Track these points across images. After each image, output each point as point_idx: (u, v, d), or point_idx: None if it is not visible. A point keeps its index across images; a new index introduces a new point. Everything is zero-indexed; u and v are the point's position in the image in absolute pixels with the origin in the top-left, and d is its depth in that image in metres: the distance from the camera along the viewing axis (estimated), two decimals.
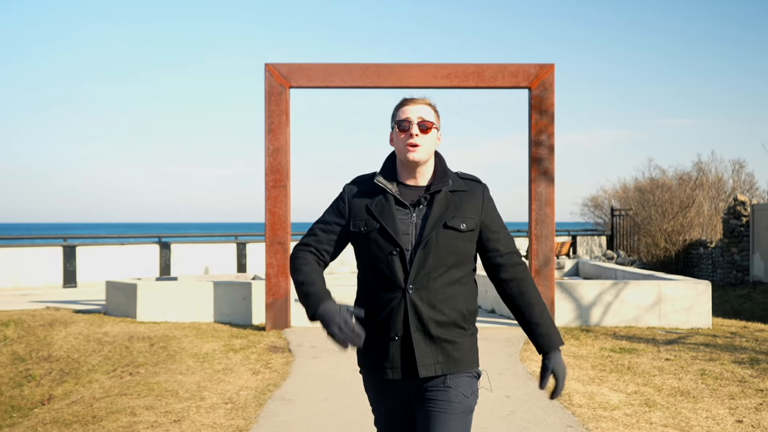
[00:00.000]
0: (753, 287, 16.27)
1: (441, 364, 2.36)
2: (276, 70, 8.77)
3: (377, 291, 2.40)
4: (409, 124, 2.42)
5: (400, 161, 2.48)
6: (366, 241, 2.41)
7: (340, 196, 2.52)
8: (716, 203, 20.67)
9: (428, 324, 2.35)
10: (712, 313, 10.99)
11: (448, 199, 2.42)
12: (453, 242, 2.38)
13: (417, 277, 2.34)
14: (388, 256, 2.36)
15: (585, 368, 6.66)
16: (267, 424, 5.05)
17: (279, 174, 8.81)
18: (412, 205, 2.42)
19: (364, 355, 2.47)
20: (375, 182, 2.46)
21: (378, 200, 2.43)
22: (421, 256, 2.34)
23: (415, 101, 2.48)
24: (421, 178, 2.46)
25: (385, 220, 2.38)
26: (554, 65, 8.89)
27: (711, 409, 5.29)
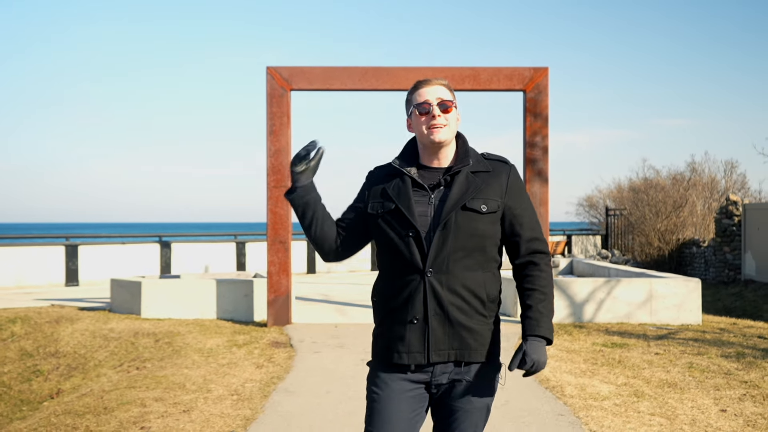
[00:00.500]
0: (744, 286, 16.54)
1: (455, 351, 2.32)
2: (277, 73, 9.00)
3: (396, 274, 2.36)
4: (430, 106, 2.37)
5: (422, 145, 2.43)
6: (382, 222, 2.38)
7: (364, 184, 2.52)
8: (709, 203, 20.95)
9: (448, 309, 2.30)
10: (703, 311, 11.27)
11: (469, 179, 2.36)
12: (473, 225, 2.31)
13: (436, 260, 2.29)
14: (405, 238, 2.32)
15: (577, 362, 6.91)
16: (272, 414, 5.28)
17: (280, 174, 9.04)
18: (431, 187, 2.37)
19: (380, 338, 2.42)
20: (393, 165, 2.44)
21: (395, 183, 2.40)
22: (440, 239, 2.29)
23: (430, 83, 2.42)
24: (443, 160, 2.41)
25: (401, 201, 2.34)
26: (548, 68, 9.15)
27: (696, 399, 5.54)
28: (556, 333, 8.52)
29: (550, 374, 6.33)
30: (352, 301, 11.53)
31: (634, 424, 4.84)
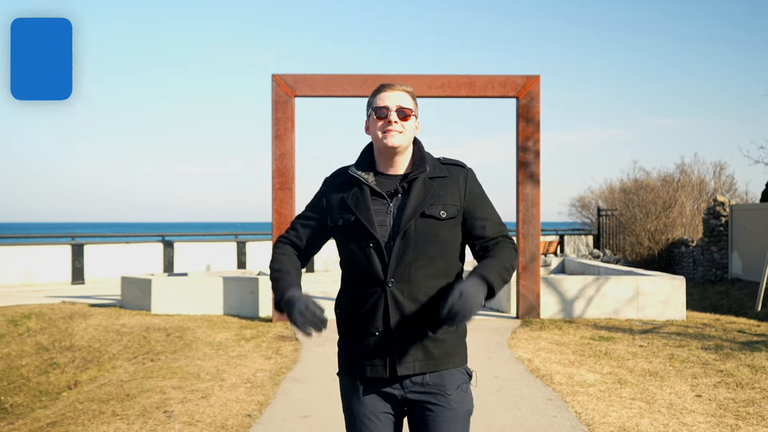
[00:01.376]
0: (731, 284, 17.04)
1: (420, 362, 2.28)
2: (282, 81, 9.45)
3: (358, 286, 2.33)
4: (388, 111, 2.32)
5: (377, 150, 2.39)
6: (343, 234, 2.34)
7: (319, 190, 2.47)
8: (698, 204, 21.47)
9: (410, 319, 2.26)
10: (691, 308, 11.75)
11: (426, 186, 2.32)
12: (433, 231, 2.28)
13: (397, 270, 2.26)
14: (366, 249, 2.28)
15: (566, 353, 7.37)
16: (284, 399, 5.73)
17: (285, 177, 9.49)
18: (389, 194, 2.32)
19: (343, 351, 2.40)
20: (350, 173, 2.37)
21: (354, 192, 2.34)
22: (400, 248, 2.25)
23: (393, 87, 2.37)
24: (399, 167, 2.37)
25: (360, 212, 2.30)
26: (540, 76, 9.61)
27: (675, 386, 6.01)
28: (547, 328, 8.98)
29: (540, 364, 6.80)
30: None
31: (616, 408, 5.30)
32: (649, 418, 5.02)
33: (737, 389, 5.91)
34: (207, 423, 5.11)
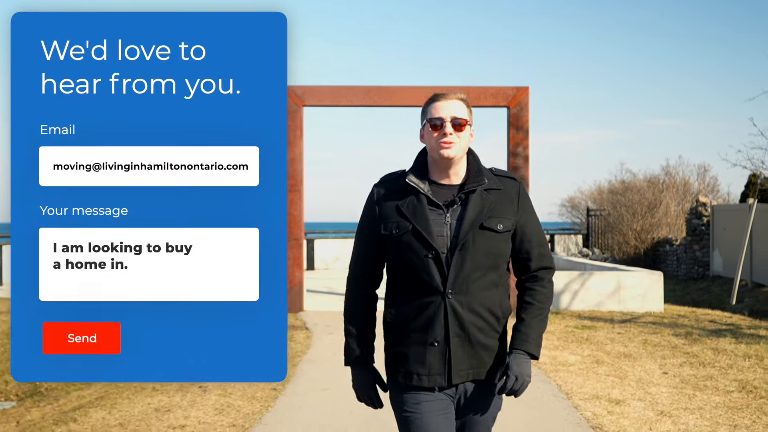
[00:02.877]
0: (712, 281, 17.92)
1: (474, 370, 2.33)
2: (292, 92, 10.26)
3: (414, 296, 2.32)
4: (442, 122, 2.31)
5: (432, 159, 2.37)
6: (398, 244, 2.32)
7: (369, 200, 2.43)
8: (683, 204, 22.37)
9: (470, 330, 2.30)
10: (672, 303, 12.62)
11: (483, 198, 2.33)
12: (490, 243, 2.30)
13: (456, 281, 2.27)
14: (424, 260, 2.28)
15: (551, 340, 8.20)
16: (302, 377, 6.54)
17: (294, 180, 10.30)
18: (445, 205, 2.32)
19: (397, 361, 2.39)
20: (406, 181, 2.35)
21: (409, 200, 2.33)
22: (459, 259, 2.27)
23: (447, 97, 2.36)
24: (454, 177, 2.37)
25: (418, 221, 2.29)
26: (528, 88, 10.45)
27: (645, 365, 6.85)
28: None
29: None
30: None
31: (592, 381, 6.14)
32: (619, 389, 5.86)
33: (699, 367, 6.75)
34: (238, 395, 5.91)
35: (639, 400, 5.53)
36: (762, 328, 9.34)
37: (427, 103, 2.39)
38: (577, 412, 5.17)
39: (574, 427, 4.82)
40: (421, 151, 2.44)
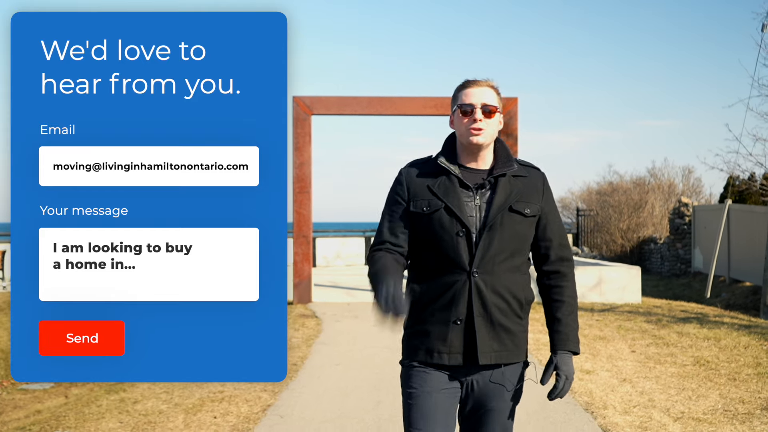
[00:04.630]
0: (693, 277, 18.96)
1: (497, 353, 2.33)
2: (301, 102, 11.23)
3: (439, 273, 2.33)
4: (472, 109, 2.35)
5: (461, 144, 2.41)
6: (429, 222, 2.33)
7: (397, 181, 2.45)
8: (667, 205, 23.42)
9: (492, 310, 2.31)
10: (655, 297, 13.62)
11: (512, 183, 2.37)
12: (517, 227, 2.34)
13: (482, 261, 2.30)
14: (454, 237, 2.30)
15: (536, 326, 9.18)
16: (317, 354, 7.51)
17: (303, 182, 11.27)
18: (475, 187, 2.36)
19: (416, 338, 2.38)
20: (438, 163, 2.39)
21: (441, 180, 2.36)
22: (487, 240, 2.30)
23: (477, 83, 2.40)
24: (482, 162, 2.41)
25: (451, 200, 2.32)
26: (517, 98, 11.44)
27: (616, 345, 7.84)
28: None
29: None
30: (357, 286, 13.75)
31: None
32: (591, 363, 6.85)
33: (663, 347, 7.75)
34: None
35: (606, 371, 6.52)
36: (726, 316, 10.37)
37: (458, 90, 2.44)
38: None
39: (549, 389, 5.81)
40: (450, 136, 2.49)
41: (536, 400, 5.45)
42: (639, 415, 4.99)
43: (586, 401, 5.38)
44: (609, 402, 5.36)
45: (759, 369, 6.56)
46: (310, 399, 5.62)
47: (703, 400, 5.42)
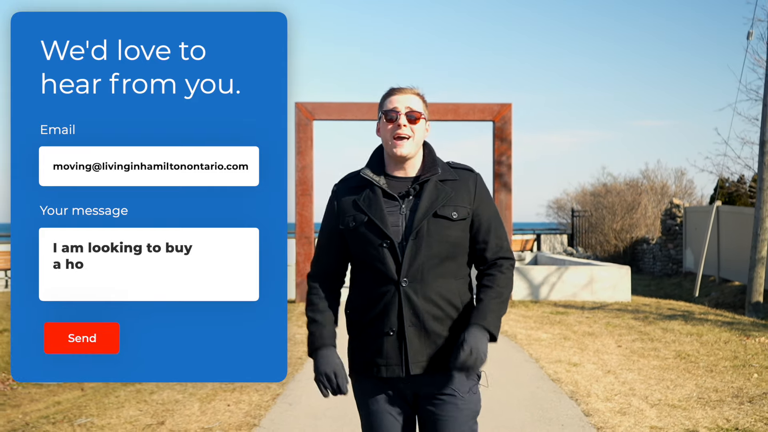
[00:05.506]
0: (684, 277, 19.41)
1: (433, 361, 2.30)
2: (303, 107, 11.65)
3: (370, 286, 2.35)
4: (397, 115, 2.34)
5: (387, 154, 2.41)
6: (356, 235, 2.35)
7: (329, 199, 2.47)
8: (660, 206, 23.87)
9: (424, 319, 2.29)
10: (647, 296, 14.06)
11: (438, 188, 2.34)
12: (445, 232, 2.31)
13: (410, 270, 2.28)
14: (379, 249, 2.30)
15: (529, 322, 9.63)
16: None
17: (305, 185, 11.70)
18: (400, 196, 2.34)
19: (357, 352, 2.42)
20: (362, 176, 2.39)
21: (366, 194, 2.36)
22: (413, 248, 2.28)
23: (402, 91, 2.40)
24: (410, 169, 2.39)
25: (373, 212, 2.31)
26: (511, 104, 11.88)
27: (604, 340, 8.28)
28: (516, 306, 11.24)
29: (507, 328, 9.05)
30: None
31: (558, 351, 7.56)
32: (578, 356, 7.29)
33: (648, 342, 8.18)
34: None
35: (593, 363, 6.96)
36: (711, 314, 10.82)
37: (383, 98, 2.43)
38: (542, 371, 6.59)
39: (538, 380, 6.23)
40: (378, 146, 2.48)
41: (526, 388, 5.89)
42: (619, 402, 5.43)
43: (571, 390, 5.82)
44: (593, 391, 5.79)
45: (735, 362, 7.00)
46: (316, 388, 6.04)
47: (680, 389, 5.85)
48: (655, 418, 4.99)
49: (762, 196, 12.28)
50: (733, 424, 4.84)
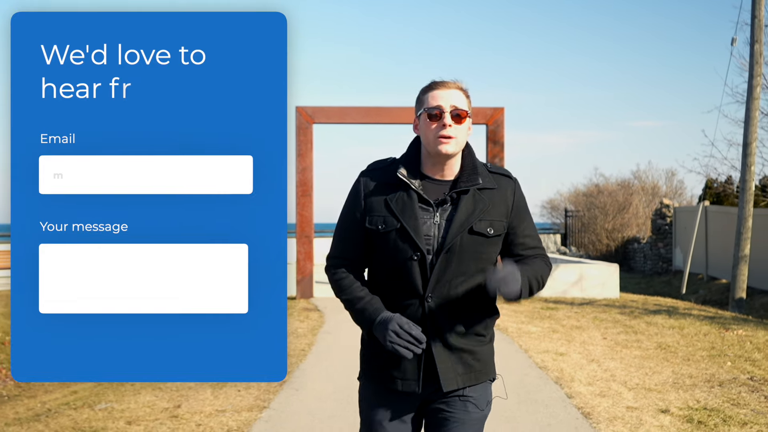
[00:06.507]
0: (674, 275, 19.90)
1: (461, 376, 2.22)
2: (304, 111, 12.11)
3: (392, 297, 2.22)
4: (441, 113, 2.16)
5: (426, 152, 2.24)
6: (384, 241, 2.20)
7: (355, 190, 2.29)
8: (651, 206, 24.39)
9: (449, 335, 2.19)
10: (636, 293, 14.54)
11: (476, 199, 2.19)
12: (478, 249, 2.19)
13: (437, 285, 2.16)
14: (408, 261, 2.16)
15: (520, 317, 10.10)
16: (323, 341, 8.39)
17: (306, 186, 12.15)
18: (436, 204, 2.19)
19: (372, 360, 2.30)
20: (397, 175, 2.21)
21: (399, 196, 2.19)
22: (443, 263, 2.16)
23: (446, 85, 2.21)
24: (448, 172, 2.23)
25: (407, 219, 2.16)
26: (504, 108, 12.36)
27: (590, 333, 8.75)
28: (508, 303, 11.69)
29: (498, 322, 9.50)
30: None
31: (546, 343, 8.03)
32: (565, 347, 7.76)
33: (632, 334, 8.66)
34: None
35: (578, 353, 7.42)
36: (695, 309, 11.31)
37: (424, 91, 2.25)
38: (531, 360, 7.06)
39: (526, 368, 6.70)
40: (414, 139, 2.31)
41: (515, 375, 6.35)
42: (600, 386, 5.89)
43: (556, 376, 6.28)
44: (576, 377, 6.26)
45: (712, 352, 7.48)
46: (320, 375, 6.51)
47: (657, 375, 6.32)
48: (631, 400, 5.46)
49: (745, 197, 12.78)
50: (702, 405, 5.31)
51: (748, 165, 12.73)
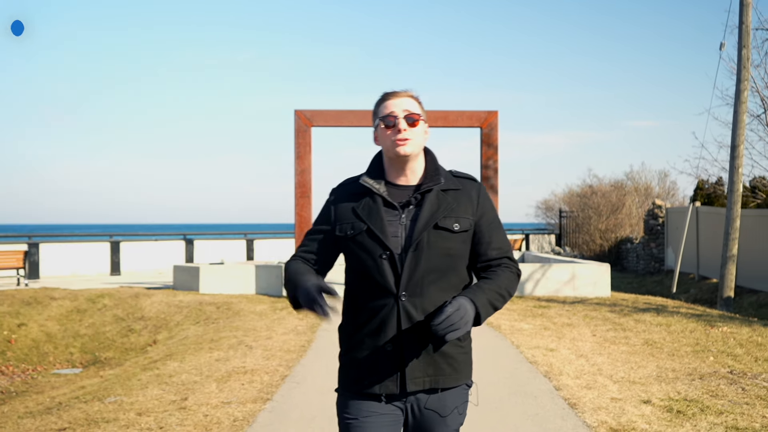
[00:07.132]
0: (666, 275, 20.21)
1: (431, 378, 2.24)
2: (302, 114, 12.39)
3: (367, 298, 2.26)
4: (395, 119, 2.26)
5: (388, 159, 2.33)
6: (353, 245, 2.27)
7: (327, 201, 2.40)
8: (644, 207, 24.71)
9: (422, 334, 2.21)
10: (629, 293, 14.84)
11: (440, 198, 2.26)
12: (446, 244, 2.23)
13: (410, 283, 2.20)
14: (378, 260, 2.22)
15: (513, 315, 10.40)
16: (322, 338, 8.68)
17: (304, 188, 12.43)
18: (401, 205, 2.27)
19: (349, 367, 2.32)
20: (361, 183, 2.31)
21: (365, 202, 2.29)
22: (412, 260, 2.20)
23: (397, 94, 2.32)
24: (411, 176, 2.32)
25: (373, 221, 2.24)
26: (498, 111, 12.65)
27: (581, 330, 9.05)
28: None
29: (492, 320, 9.80)
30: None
31: (538, 339, 8.32)
32: (555, 343, 8.06)
33: (621, 331, 8.96)
34: (277, 350, 8.04)
35: (568, 349, 7.72)
36: (683, 307, 11.62)
37: (378, 103, 2.35)
38: (522, 355, 7.35)
39: (517, 363, 6.99)
40: (377, 153, 2.40)
41: (506, 369, 6.65)
42: (587, 379, 6.19)
43: (546, 370, 6.58)
44: (565, 371, 6.56)
45: (696, 348, 7.78)
46: (319, 370, 6.79)
47: (642, 369, 6.63)
48: (616, 392, 5.76)
49: (733, 198, 13.09)
50: (683, 396, 5.61)
51: (736, 167, 13.04)
